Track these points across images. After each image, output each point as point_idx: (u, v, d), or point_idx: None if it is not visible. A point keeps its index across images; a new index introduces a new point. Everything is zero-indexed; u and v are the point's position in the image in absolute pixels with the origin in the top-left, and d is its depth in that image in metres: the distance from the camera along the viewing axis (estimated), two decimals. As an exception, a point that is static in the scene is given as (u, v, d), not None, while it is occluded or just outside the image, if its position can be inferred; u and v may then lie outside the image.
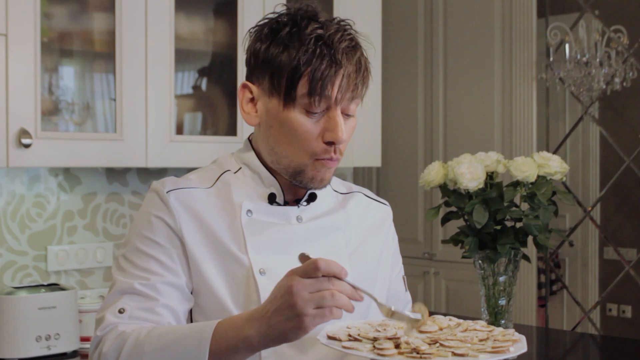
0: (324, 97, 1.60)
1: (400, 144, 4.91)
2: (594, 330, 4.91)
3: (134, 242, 1.67)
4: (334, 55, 1.60)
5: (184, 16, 3.01)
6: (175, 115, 2.98)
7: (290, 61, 1.60)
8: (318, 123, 1.62)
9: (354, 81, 1.62)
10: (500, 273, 2.43)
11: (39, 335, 2.70)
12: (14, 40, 2.58)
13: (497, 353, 1.48)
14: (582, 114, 4.88)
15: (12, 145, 2.57)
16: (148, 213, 1.68)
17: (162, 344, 1.52)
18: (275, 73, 1.62)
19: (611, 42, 4.68)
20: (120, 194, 3.21)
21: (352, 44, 1.65)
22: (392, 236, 1.90)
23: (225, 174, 1.73)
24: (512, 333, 1.59)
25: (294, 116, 1.61)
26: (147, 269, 1.63)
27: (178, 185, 1.69)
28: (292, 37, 1.62)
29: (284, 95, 1.61)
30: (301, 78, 1.59)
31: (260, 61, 1.65)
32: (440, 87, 4.78)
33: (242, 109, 1.70)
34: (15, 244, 2.95)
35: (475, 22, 4.60)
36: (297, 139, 1.62)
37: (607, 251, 5.36)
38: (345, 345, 1.49)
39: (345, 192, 1.85)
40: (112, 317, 1.60)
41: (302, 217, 1.70)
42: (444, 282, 4.71)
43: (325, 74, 1.59)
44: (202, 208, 1.67)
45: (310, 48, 1.60)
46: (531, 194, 2.43)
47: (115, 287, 1.64)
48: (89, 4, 2.81)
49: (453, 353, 1.46)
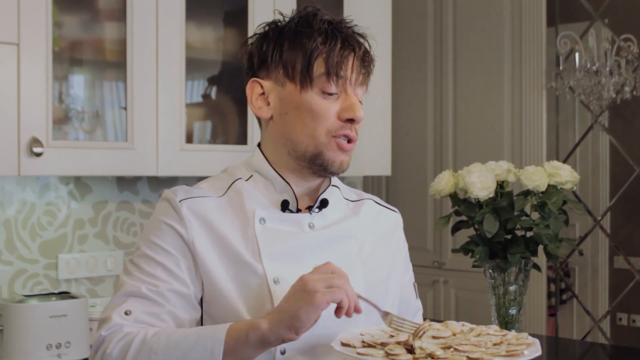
0: (340, 77, 1.66)
1: (409, 152, 4.90)
2: (604, 339, 4.89)
3: (143, 248, 1.67)
4: (345, 39, 1.68)
5: (195, 25, 3.02)
6: (186, 123, 2.98)
7: (304, 45, 1.66)
8: (335, 104, 1.66)
9: (362, 66, 1.70)
10: (511, 282, 2.43)
11: (50, 343, 2.70)
12: (26, 49, 2.59)
13: (512, 356, 1.48)
14: (592, 122, 4.87)
15: (23, 153, 2.58)
16: (159, 220, 1.68)
17: (171, 341, 1.51)
18: (290, 60, 1.67)
19: (621, 50, 4.67)
20: (131, 202, 3.22)
21: (359, 31, 1.74)
22: (403, 243, 1.91)
23: (236, 182, 1.73)
24: (525, 337, 1.59)
25: (311, 97, 1.65)
26: (154, 275, 1.63)
27: (190, 195, 1.69)
28: (303, 25, 1.68)
29: (300, 78, 1.66)
30: (317, 59, 1.65)
31: (270, 55, 1.70)
32: (449, 95, 4.77)
33: (252, 104, 1.73)
34: (26, 252, 2.96)
35: (484, 31, 4.60)
36: (314, 119, 1.66)
37: (617, 260, 5.34)
38: (359, 352, 1.49)
39: (356, 199, 1.86)
40: (118, 318, 1.59)
41: (314, 225, 1.71)
42: (453, 291, 4.70)
43: (340, 54, 1.65)
44: (215, 217, 1.67)
45: (323, 31, 1.67)
46: (542, 203, 2.43)
47: (122, 289, 1.64)
48: (100, 13, 2.82)
49: (468, 357, 1.46)
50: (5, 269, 2.92)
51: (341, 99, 1.67)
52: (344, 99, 1.67)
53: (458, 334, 1.60)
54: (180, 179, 3.31)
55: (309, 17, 1.69)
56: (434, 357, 1.46)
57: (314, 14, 1.70)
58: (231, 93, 3.21)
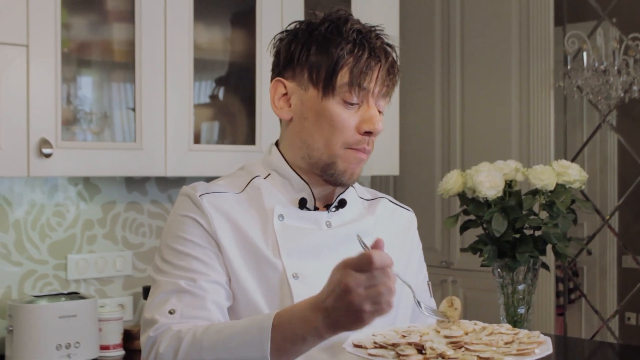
0: (363, 89, 1.66)
1: (417, 152, 4.91)
2: (612, 338, 4.89)
3: (170, 244, 1.67)
4: (372, 49, 1.67)
5: (203, 26, 3.02)
6: (194, 124, 2.99)
7: (331, 52, 1.66)
8: (354, 115, 1.67)
9: (387, 77, 1.69)
10: (520, 281, 2.43)
11: (59, 343, 2.71)
12: (35, 51, 2.60)
13: (523, 355, 1.48)
14: (600, 122, 4.87)
15: (32, 154, 2.59)
16: (181, 215, 1.68)
17: (221, 338, 1.50)
18: (315, 65, 1.67)
19: (629, 50, 4.66)
20: (140, 203, 3.23)
21: (387, 42, 1.73)
22: (417, 242, 1.92)
23: (255, 180, 1.74)
24: (537, 335, 1.59)
25: (332, 106, 1.66)
26: (189, 268, 1.63)
27: (210, 190, 1.70)
28: (332, 32, 1.68)
29: (323, 85, 1.66)
30: (342, 68, 1.65)
31: (297, 57, 1.70)
32: (457, 95, 4.78)
33: (274, 104, 1.74)
34: (35, 252, 2.97)
35: (492, 31, 4.60)
36: (333, 129, 1.66)
37: (625, 259, 5.33)
38: (370, 353, 1.50)
39: (371, 198, 1.87)
40: (164, 318, 1.58)
41: (332, 223, 1.72)
42: (461, 291, 4.70)
43: (365, 65, 1.65)
44: (235, 211, 1.68)
45: (352, 41, 1.66)
46: (550, 203, 2.43)
47: (160, 289, 1.63)
48: (109, 14, 2.83)
49: (479, 357, 1.46)
50: (15, 270, 2.93)
51: (362, 110, 1.67)
52: (365, 110, 1.67)
53: (470, 333, 1.60)
54: (188, 180, 3.32)
55: (339, 24, 1.69)
56: (445, 357, 1.46)
57: (345, 21, 1.70)
58: (239, 93, 3.21)
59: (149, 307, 1.62)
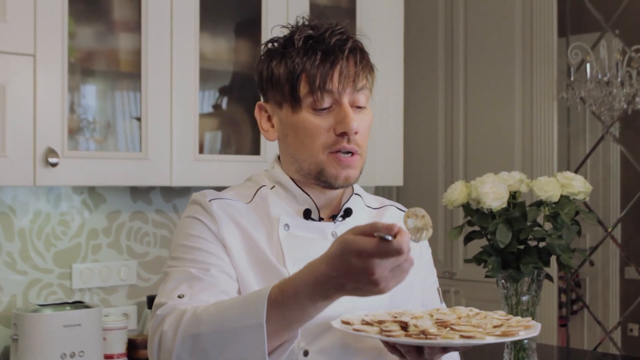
0: (327, 92, 1.63)
1: (420, 163, 4.91)
2: (615, 350, 4.89)
3: (180, 241, 1.68)
4: (325, 49, 1.65)
5: (209, 36, 3.03)
6: (199, 134, 3.00)
7: (286, 65, 1.66)
8: (328, 119, 1.65)
9: (353, 70, 1.65)
10: (524, 292, 2.43)
11: (64, 352, 2.72)
12: (42, 60, 2.61)
13: (506, 336, 1.48)
14: (603, 133, 4.87)
15: (39, 164, 2.60)
16: (191, 217, 1.70)
17: (219, 310, 1.48)
18: (279, 82, 1.67)
19: (632, 61, 4.67)
20: (144, 212, 3.23)
21: (344, 37, 1.68)
22: (426, 248, 1.91)
23: (262, 189, 1.76)
24: (527, 320, 1.59)
25: (303, 117, 1.65)
26: (200, 259, 1.64)
27: (219, 196, 1.71)
28: (285, 45, 1.69)
29: (290, 100, 1.66)
30: (300, 78, 1.64)
31: (265, 78, 1.72)
32: (460, 106, 4.79)
33: (262, 127, 1.76)
34: (40, 261, 2.97)
35: (496, 42, 4.61)
36: (310, 137, 1.65)
37: (628, 271, 5.33)
38: (355, 328, 1.51)
39: (378, 206, 1.87)
40: (172, 301, 1.57)
41: (337, 233, 1.71)
42: (464, 301, 4.70)
43: (321, 69, 1.63)
44: (243, 219, 1.69)
45: (302, 48, 1.65)
46: (554, 214, 2.43)
47: (171, 277, 1.63)
48: (115, 24, 2.84)
49: (461, 336, 1.46)
50: (20, 279, 2.93)
51: (335, 111, 1.65)
52: (338, 112, 1.65)
53: (463, 318, 1.61)
54: (193, 189, 3.33)
55: (293, 34, 1.69)
56: (427, 334, 1.46)
57: (297, 29, 1.70)
58: (244, 103, 3.22)
59: (160, 294, 1.62)
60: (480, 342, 1.46)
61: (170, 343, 1.49)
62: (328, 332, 1.63)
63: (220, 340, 1.45)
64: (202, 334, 1.46)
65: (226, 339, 1.44)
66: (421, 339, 1.46)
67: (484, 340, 1.45)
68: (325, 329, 1.63)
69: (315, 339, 1.63)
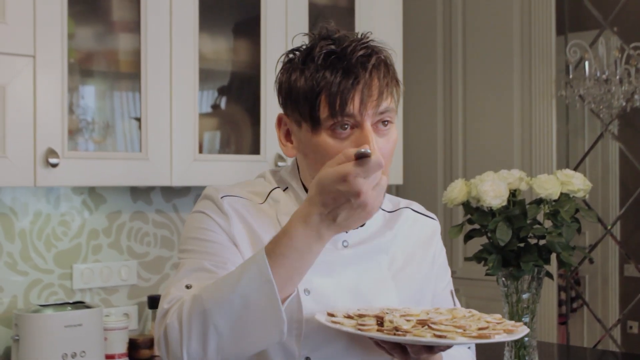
0: (347, 115, 1.51)
1: (419, 161, 4.91)
2: (615, 347, 4.89)
3: (192, 234, 1.64)
4: (347, 66, 1.53)
5: (208, 36, 3.04)
6: (199, 134, 3.00)
7: (306, 82, 1.54)
8: (349, 143, 1.52)
9: (377, 90, 1.53)
10: (524, 290, 2.44)
11: (65, 352, 2.72)
12: (42, 61, 2.62)
13: (480, 338, 1.47)
14: (602, 131, 4.88)
15: (39, 164, 2.60)
16: (201, 213, 1.66)
17: (217, 282, 1.47)
18: (297, 99, 1.56)
19: (631, 59, 4.67)
20: (145, 212, 3.24)
21: (368, 51, 1.56)
22: (440, 250, 1.87)
23: (275, 191, 1.70)
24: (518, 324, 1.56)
25: (323, 140, 1.54)
26: (213, 252, 1.60)
27: (232, 193, 1.67)
28: (305, 60, 1.57)
29: (309, 121, 1.55)
30: (319, 99, 1.52)
31: (285, 92, 1.61)
32: (459, 104, 4.79)
33: (281, 142, 1.67)
34: (41, 262, 2.98)
35: (494, 40, 4.61)
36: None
37: (627, 268, 5.33)
38: (333, 320, 1.51)
39: (392, 209, 1.80)
40: (178, 291, 1.53)
41: (348, 242, 1.67)
42: (464, 300, 4.70)
43: (341, 89, 1.51)
44: (253, 219, 1.65)
45: (322, 64, 1.54)
46: (554, 212, 2.44)
47: (183, 267, 1.60)
48: (115, 25, 2.85)
49: (434, 335, 1.45)
50: (21, 279, 2.94)
51: (356, 134, 1.53)
52: (359, 135, 1.52)
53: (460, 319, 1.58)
54: (193, 189, 3.34)
55: (313, 48, 1.57)
56: (399, 330, 1.45)
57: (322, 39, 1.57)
58: (244, 103, 3.23)
59: (170, 282, 1.59)
60: (450, 342, 1.43)
61: (177, 334, 1.45)
62: (330, 339, 1.62)
63: (230, 308, 1.42)
64: (208, 310, 1.43)
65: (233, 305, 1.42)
66: (391, 335, 1.45)
67: (454, 341, 1.43)
68: (328, 336, 1.61)
69: (318, 347, 1.62)
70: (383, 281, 1.69)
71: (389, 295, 1.68)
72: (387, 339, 1.47)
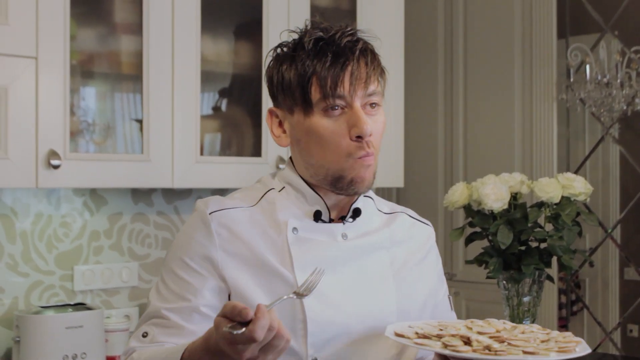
0: (338, 96, 1.61)
1: (420, 164, 4.92)
2: (615, 350, 4.89)
3: (171, 265, 1.69)
4: (336, 51, 1.62)
5: (210, 38, 3.04)
6: (201, 136, 3.01)
7: (297, 69, 1.63)
8: (341, 122, 1.62)
9: (364, 72, 1.63)
10: (525, 293, 2.44)
11: (66, 354, 2.72)
12: (44, 63, 2.62)
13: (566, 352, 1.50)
14: (603, 134, 4.88)
15: (41, 166, 2.60)
16: (189, 236, 1.69)
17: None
18: (289, 86, 1.65)
19: (632, 62, 4.68)
20: (146, 214, 3.24)
21: (354, 38, 1.66)
22: (436, 257, 1.90)
23: (269, 192, 1.73)
24: (570, 335, 1.61)
25: (316, 122, 1.63)
26: (179, 294, 1.64)
27: (222, 206, 1.69)
28: (296, 48, 1.66)
29: (302, 105, 1.63)
30: (311, 82, 1.61)
31: (276, 82, 1.69)
32: (460, 107, 4.79)
33: (273, 133, 1.73)
34: (42, 263, 2.98)
35: (495, 44, 4.62)
36: (326, 143, 1.62)
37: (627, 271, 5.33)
38: (417, 342, 1.52)
39: (389, 212, 1.84)
40: (134, 341, 1.64)
41: (348, 235, 1.70)
42: (464, 303, 4.71)
43: (332, 71, 1.61)
44: (245, 229, 1.67)
45: (312, 50, 1.63)
46: (555, 215, 2.44)
47: (147, 310, 1.68)
48: (117, 26, 2.85)
49: (523, 352, 1.48)
50: (22, 281, 2.94)
51: (348, 114, 1.62)
52: (350, 115, 1.62)
53: (502, 331, 1.61)
54: (195, 191, 3.34)
55: (302, 38, 1.66)
56: (491, 350, 1.48)
57: (305, 32, 1.67)
58: (246, 105, 3.23)
59: (137, 324, 1.69)
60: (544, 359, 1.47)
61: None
62: (336, 339, 1.63)
63: None
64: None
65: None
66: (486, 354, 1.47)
67: (548, 357, 1.47)
68: (334, 336, 1.63)
69: (324, 347, 1.63)
70: (383, 279, 1.71)
71: (389, 295, 1.70)
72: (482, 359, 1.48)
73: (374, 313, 1.67)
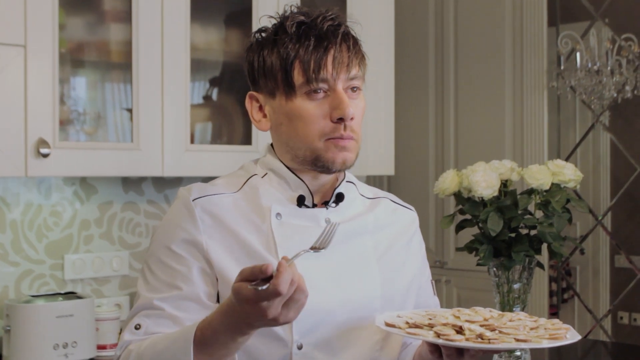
0: (321, 80, 1.62)
1: (411, 152, 4.92)
2: (605, 337, 4.91)
3: (157, 253, 1.68)
4: (318, 34, 1.63)
5: (200, 26, 3.03)
6: (191, 124, 3.00)
7: (279, 52, 1.64)
8: (323, 105, 1.63)
9: (347, 56, 1.65)
10: (515, 280, 2.44)
11: (57, 343, 2.72)
12: (33, 51, 2.61)
13: (557, 339, 1.51)
14: (593, 122, 4.88)
15: (30, 155, 2.60)
16: (173, 223, 1.69)
17: (155, 352, 1.55)
18: (271, 70, 1.65)
19: (622, 50, 4.68)
20: (136, 203, 3.24)
21: (336, 22, 1.67)
22: (419, 241, 1.90)
23: (252, 178, 1.74)
24: (558, 322, 1.61)
25: (298, 104, 1.64)
26: (169, 282, 1.64)
27: (204, 193, 1.69)
28: (277, 32, 1.67)
29: (284, 89, 1.64)
30: (293, 65, 1.62)
31: (257, 67, 1.69)
32: (451, 95, 4.79)
33: (253, 118, 1.73)
34: (32, 253, 2.97)
35: (486, 32, 4.62)
36: (305, 124, 1.63)
37: (618, 259, 5.35)
38: (409, 332, 1.53)
39: (372, 197, 1.84)
40: (128, 334, 1.63)
41: (331, 219, 1.69)
42: (455, 290, 4.71)
43: (315, 55, 1.62)
44: (229, 214, 1.67)
45: (295, 34, 1.64)
46: (545, 202, 2.44)
47: (137, 302, 1.67)
48: (106, 15, 2.84)
49: (515, 339, 1.49)
50: (12, 270, 2.93)
51: (330, 97, 1.64)
52: (333, 98, 1.64)
53: (490, 319, 1.62)
54: (185, 180, 3.33)
55: (284, 22, 1.67)
56: (484, 338, 1.48)
57: (288, 17, 1.68)
58: (236, 93, 3.23)
59: (126, 319, 1.68)
60: (536, 345, 1.49)
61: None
62: (322, 324, 1.63)
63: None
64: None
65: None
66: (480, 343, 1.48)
67: (540, 344, 1.48)
68: (319, 321, 1.63)
69: (309, 332, 1.63)
70: (367, 263, 1.71)
71: (373, 279, 1.70)
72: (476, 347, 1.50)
73: (359, 297, 1.67)
